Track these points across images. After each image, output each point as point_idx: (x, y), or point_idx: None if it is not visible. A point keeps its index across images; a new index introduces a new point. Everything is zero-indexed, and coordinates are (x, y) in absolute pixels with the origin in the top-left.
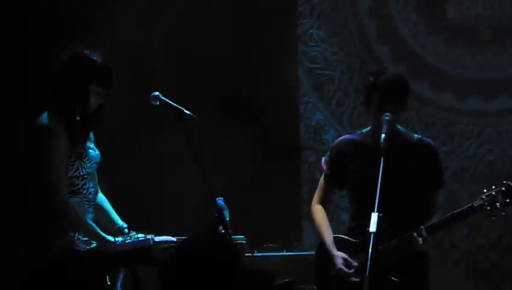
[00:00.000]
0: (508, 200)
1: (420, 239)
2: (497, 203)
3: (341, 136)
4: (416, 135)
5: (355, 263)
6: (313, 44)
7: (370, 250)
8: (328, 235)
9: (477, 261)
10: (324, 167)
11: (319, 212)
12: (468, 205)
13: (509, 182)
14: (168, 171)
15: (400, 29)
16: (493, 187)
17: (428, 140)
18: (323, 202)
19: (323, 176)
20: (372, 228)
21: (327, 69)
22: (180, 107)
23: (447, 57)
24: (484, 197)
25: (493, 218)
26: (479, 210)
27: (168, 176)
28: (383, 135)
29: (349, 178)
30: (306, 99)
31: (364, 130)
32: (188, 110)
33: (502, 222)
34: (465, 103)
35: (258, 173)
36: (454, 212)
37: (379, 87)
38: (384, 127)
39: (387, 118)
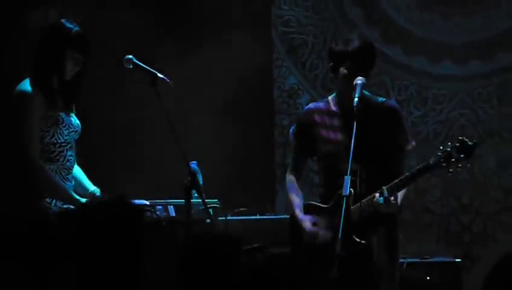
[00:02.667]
0: (462, 155)
1: (381, 199)
2: (453, 159)
3: (314, 100)
4: (380, 98)
5: (324, 225)
6: (286, 7)
7: (343, 212)
8: (297, 202)
9: (449, 224)
10: (292, 137)
11: (289, 181)
12: (425, 163)
13: (463, 138)
14: (142, 135)
15: None
16: (448, 144)
17: (392, 102)
18: (296, 171)
19: (292, 145)
20: (345, 191)
21: (301, 33)
22: (154, 71)
23: (420, 20)
24: (440, 153)
25: (449, 174)
26: (435, 167)
27: (142, 141)
28: (356, 99)
29: (318, 145)
30: (279, 64)
31: (329, 97)
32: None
33: (474, 185)
34: (438, 67)
35: (231, 136)
36: (413, 170)
37: (349, 56)
38: (358, 91)
39: (360, 82)
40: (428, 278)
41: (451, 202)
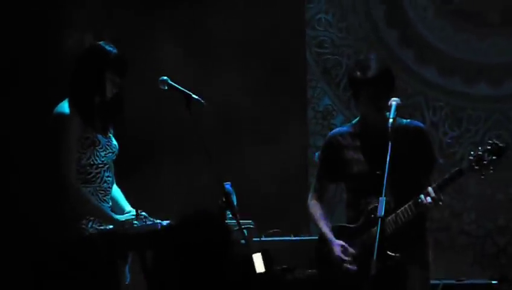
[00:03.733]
0: (494, 157)
1: (428, 198)
2: (484, 161)
3: (348, 121)
4: (405, 120)
5: (353, 250)
6: (320, 28)
7: (378, 233)
8: (324, 225)
9: (484, 246)
10: (318, 161)
11: (313, 207)
12: (457, 169)
13: (494, 140)
14: (177, 155)
15: (408, 12)
16: (479, 148)
17: (419, 123)
18: (319, 194)
19: (317, 170)
20: (380, 212)
21: (334, 53)
22: (188, 92)
23: (455, 41)
24: (472, 158)
25: (482, 177)
26: (468, 170)
27: (178, 161)
28: (390, 120)
29: (344, 168)
30: (314, 84)
31: (353, 122)
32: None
33: (509, 206)
34: (473, 88)
35: (267, 157)
36: (448, 175)
37: (369, 83)
38: (393, 111)
39: (395, 102)
40: None
41: (486, 224)
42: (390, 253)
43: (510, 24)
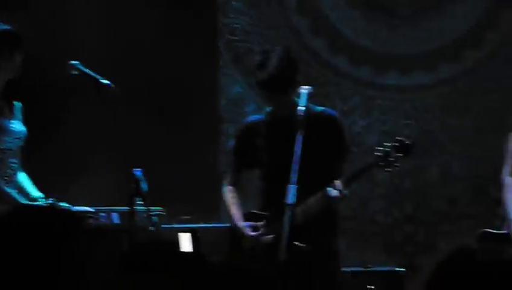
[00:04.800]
0: (400, 154)
1: (335, 191)
2: (391, 158)
3: (260, 108)
4: (318, 107)
5: (265, 232)
6: (232, 16)
7: (288, 220)
8: (236, 212)
9: (392, 234)
10: (232, 149)
11: (227, 193)
12: (364, 164)
13: (401, 138)
14: (86, 142)
15: (320, 2)
16: (385, 144)
17: (332, 111)
18: (233, 182)
19: (231, 157)
20: (290, 199)
21: (246, 41)
22: (98, 77)
23: (366, 31)
24: (379, 153)
25: (386, 172)
26: (374, 166)
27: (87, 147)
28: (302, 108)
29: (258, 156)
30: (225, 72)
31: (267, 109)
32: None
33: (417, 195)
34: (383, 78)
35: (177, 144)
36: (356, 170)
37: (265, 83)
38: (303, 100)
39: (306, 91)
40: (371, 287)
41: (394, 212)
42: (298, 243)
43: (419, 15)
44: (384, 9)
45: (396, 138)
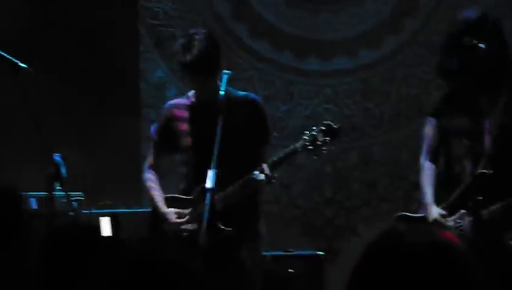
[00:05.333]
0: (327, 138)
1: (262, 175)
2: (318, 142)
3: (182, 93)
4: (241, 92)
5: (188, 215)
6: (154, 0)
7: (207, 205)
8: (157, 196)
9: (312, 218)
10: (153, 133)
11: (148, 177)
12: (291, 147)
13: (329, 122)
14: (3, 126)
15: None
16: (313, 128)
17: (254, 96)
18: (154, 166)
19: (153, 142)
20: (209, 184)
21: (168, 25)
22: (15, 60)
23: (287, 16)
24: (306, 137)
25: (314, 157)
26: (302, 150)
27: (3, 131)
28: (221, 92)
29: (179, 140)
30: (147, 56)
31: (190, 92)
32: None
33: (337, 179)
34: (304, 63)
35: (98, 129)
36: (284, 152)
37: (189, 66)
38: (224, 85)
39: (226, 75)
40: (291, 270)
41: (314, 196)
42: (222, 227)
43: (341, 1)
44: None
45: (324, 122)
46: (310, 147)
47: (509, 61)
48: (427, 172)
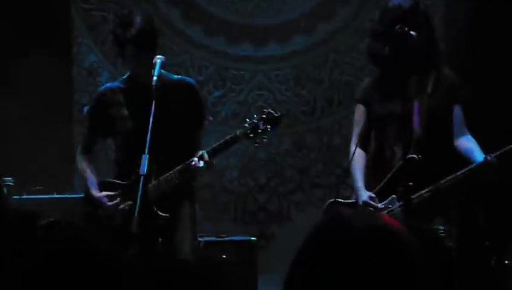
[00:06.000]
0: (268, 126)
1: (202, 162)
2: (259, 130)
3: (114, 78)
4: (176, 76)
5: (122, 200)
6: None
7: (140, 191)
8: (91, 179)
9: (246, 204)
10: (86, 116)
11: (82, 162)
12: (232, 134)
13: (269, 110)
14: None
15: None
16: (255, 116)
17: (189, 79)
18: (88, 150)
19: (87, 126)
20: (142, 169)
21: (101, 9)
22: None
23: (220, 1)
24: (247, 125)
25: (256, 145)
26: (243, 137)
27: None
28: (154, 77)
29: (114, 124)
30: (79, 41)
31: (124, 77)
32: None
33: (270, 165)
34: (237, 49)
35: (29, 113)
36: (224, 139)
37: (131, 41)
38: (157, 69)
39: (159, 60)
40: (224, 256)
41: (248, 182)
42: (158, 212)
43: None
44: None
45: (264, 110)
46: (251, 135)
47: (437, 48)
48: (358, 158)
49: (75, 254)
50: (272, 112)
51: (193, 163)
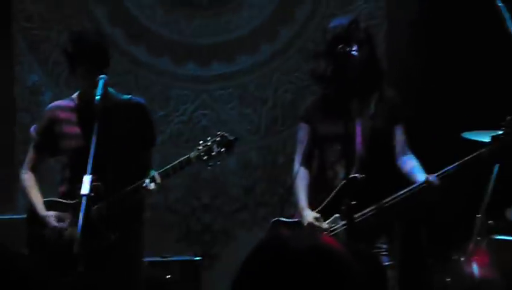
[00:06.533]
0: (222, 149)
1: (153, 184)
2: (213, 153)
3: (57, 97)
4: (125, 96)
5: (68, 219)
6: (28, 2)
7: (82, 211)
8: (36, 198)
9: (190, 223)
10: (34, 134)
11: (27, 179)
12: (185, 156)
13: (223, 133)
14: None
15: None
16: (208, 138)
17: (139, 99)
18: (34, 169)
19: (33, 143)
20: (84, 190)
21: (43, 28)
22: None
23: (164, 21)
24: (200, 147)
25: (208, 167)
26: (196, 160)
27: None
28: (97, 97)
29: (62, 142)
30: (21, 60)
31: (73, 95)
32: None
33: (214, 184)
34: (181, 68)
35: None
36: (177, 161)
37: (82, 56)
38: (100, 88)
39: (102, 79)
40: (168, 276)
41: (192, 201)
42: (107, 233)
43: (218, 6)
44: None
45: (218, 132)
46: (205, 158)
47: (379, 68)
48: (301, 177)
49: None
50: (226, 135)
51: (144, 185)
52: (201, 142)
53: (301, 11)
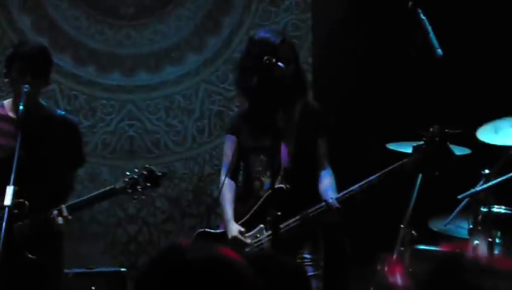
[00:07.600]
0: (148, 184)
1: (60, 218)
2: (139, 187)
3: None
4: (60, 111)
5: None
6: None
7: (4, 224)
8: None
9: (115, 235)
10: None
11: None
12: (110, 187)
13: (150, 167)
14: None
15: (42, 1)
16: (136, 170)
17: (72, 118)
18: None
19: None
20: (7, 201)
21: None
22: None
23: (90, 31)
24: (127, 179)
25: (134, 201)
26: (120, 192)
27: None
28: (21, 107)
29: None
30: None
31: (5, 101)
32: None
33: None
34: (107, 78)
35: None
36: (95, 193)
37: (18, 58)
38: (22, 100)
39: (25, 90)
40: (93, 288)
41: (118, 213)
42: (26, 252)
43: (142, 17)
44: (108, 9)
45: (146, 166)
46: (130, 191)
47: (304, 79)
48: (227, 189)
49: None
50: (154, 169)
51: (52, 216)
52: (128, 173)
53: (230, 21)
